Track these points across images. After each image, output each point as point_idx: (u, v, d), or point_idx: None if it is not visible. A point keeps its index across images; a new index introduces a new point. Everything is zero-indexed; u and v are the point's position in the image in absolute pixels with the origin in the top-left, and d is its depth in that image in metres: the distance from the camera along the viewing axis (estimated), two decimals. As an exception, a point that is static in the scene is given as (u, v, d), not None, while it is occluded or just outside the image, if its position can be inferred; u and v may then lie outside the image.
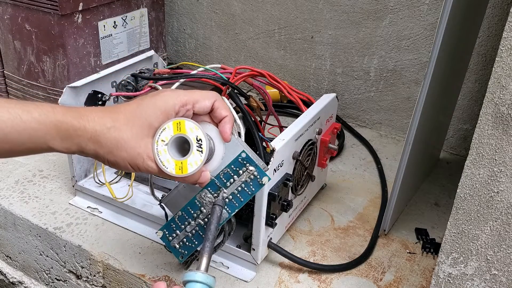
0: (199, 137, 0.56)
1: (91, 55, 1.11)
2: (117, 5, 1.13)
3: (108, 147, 0.54)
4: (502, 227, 0.54)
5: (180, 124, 0.56)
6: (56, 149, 0.53)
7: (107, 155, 0.54)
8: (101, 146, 0.54)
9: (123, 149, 0.54)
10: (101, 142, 0.54)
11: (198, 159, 0.56)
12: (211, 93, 0.59)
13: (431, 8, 1.02)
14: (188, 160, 0.56)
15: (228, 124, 0.59)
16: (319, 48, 1.19)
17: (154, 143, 0.56)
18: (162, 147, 0.56)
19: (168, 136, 0.56)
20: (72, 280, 0.85)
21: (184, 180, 0.59)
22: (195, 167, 0.56)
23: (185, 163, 0.56)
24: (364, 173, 1.02)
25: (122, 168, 0.56)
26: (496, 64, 0.49)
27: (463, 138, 1.08)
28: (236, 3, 1.26)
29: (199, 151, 0.56)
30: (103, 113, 0.55)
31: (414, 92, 1.10)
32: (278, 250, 0.75)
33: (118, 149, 0.54)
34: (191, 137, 0.56)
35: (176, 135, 0.56)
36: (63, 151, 0.54)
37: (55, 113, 0.53)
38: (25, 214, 0.87)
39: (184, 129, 0.56)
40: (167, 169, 0.56)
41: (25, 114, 0.51)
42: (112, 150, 0.54)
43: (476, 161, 0.53)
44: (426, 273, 0.78)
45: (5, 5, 1.08)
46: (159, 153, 0.56)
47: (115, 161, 0.55)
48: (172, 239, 0.68)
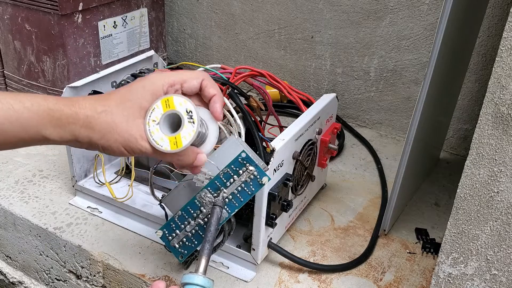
0: (189, 109, 0.56)
1: (91, 55, 1.11)
2: (117, 5, 1.13)
3: (101, 131, 0.54)
4: (502, 227, 0.54)
5: (168, 101, 0.56)
6: (50, 138, 0.53)
7: (100, 140, 0.54)
8: (94, 131, 0.54)
9: (115, 132, 0.54)
10: (94, 127, 0.54)
11: (191, 130, 0.56)
12: (198, 72, 0.59)
13: (431, 8, 1.02)
14: (181, 133, 0.56)
15: (218, 103, 0.58)
16: (319, 48, 1.19)
17: (146, 125, 0.55)
18: (154, 127, 0.55)
19: (158, 115, 0.56)
20: (72, 280, 0.85)
21: (181, 160, 0.58)
22: (189, 139, 0.56)
23: (179, 137, 0.56)
24: (364, 173, 1.02)
25: (116, 153, 0.56)
26: (496, 64, 0.49)
27: (463, 138, 1.08)
28: (236, 3, 1.26)
29: (191, 122, 0.56)
30: (94, 100, 0.56)
31: (414, 92, 1.10)
32: (278, 250, 0.75)
33: (110, 132, 0.54)
34: (181, 111, 0.56)
35: (166, 112, 0.56)
36: (57, 140, 0.54)
37: (47, 102, 0.53)
38: (25, 214, 0.87)
39: (173, 105, 0.56)
40: (162, 147, 0.55)
41: (17, 104, 0.51)
42: (105, 134, 0.54)
43: (476, 161, 0.53)
44: (426, 273, 0.78)
45: (5, 5, 1.08)
46: (151, 133, 0.55)
47: (109, 146, 0.55)
48: (172, 239, 0.68)
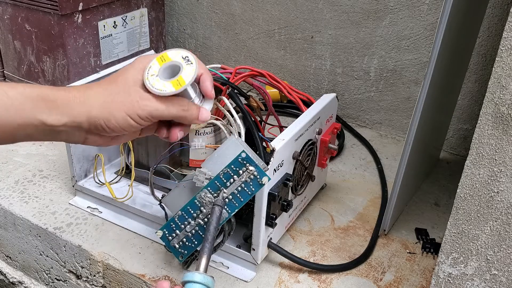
0: (184, 55, 0.57)
1: (91, 55, 1.12)
2: (117, 5, 1.13)
3: (100, 104, 0.53)
4: (502, 227, 0.54)
5: (163, 56, 0.57)
6: (47, 122, 0.52)
7: (101, 113, 0.53)
8: (92, 106, 0.53)
9: (115, 101, 0.54)
10: (92, 102, 0.53)
11: (191, 70, 0.56)
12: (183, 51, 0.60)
13: (431, 8, 1.02)
14: (182, 75, 0.56)
15: (208, 81, 0.58)
16: (319, 48, 1.19)
17: (146, 80, 0.55)
18: (154, 80, 0.55)
19: (156, 69, 0.56)
20: (72, 280, 0.85)
21: (186, 113, 0.57)
22: (192, 76, 0.56)
23: (180, 78, 0.56)
24: (364, 173, 1.02)
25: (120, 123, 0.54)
26: (496, 64, 0.49)
27: (463, 138, 1.08)
28: (236, 3, 1.26)
29: (189, 64, 0.56)
30: (88, 85, 0.56)
31: (414, 92, 1.10)
32: (278, 250, 0.75)
33: (110, 102, 0.54)
34: (177, 59, 0.57)
35: (163, 65, 0.56)
36: (55, 124, 0.53)
37: (41, 87, 0.53)
38: (25, 214, 0.87)
39: (168, 57, 0.57)
40: (166, 91, 0.55)
41: (10, 90, 0.51)
42: (104, 105, 0.53)
43: (476, 161, 0.53)
44: (426, 273, 0.78)
45: (5, 5, 1.08)
46: (153, 85, 0.55)
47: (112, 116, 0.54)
48: (172, 239, 0.68)
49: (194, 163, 0.83)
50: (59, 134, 0.55)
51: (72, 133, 0.55)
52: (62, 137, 0.55)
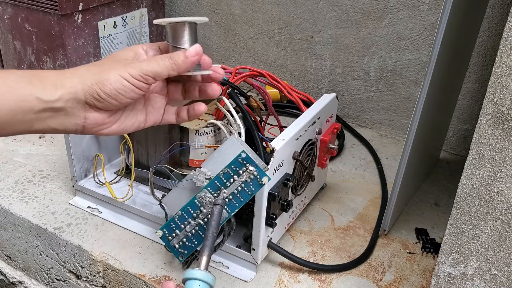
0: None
1: (91, 55, 1.12)
2: (117, 5, 1.13)
3: (92, 73, 0.54)
4: (502, 227, 0.54)
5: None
6: (43, 98, 0.52)
7: (94, 79, 0.54)
8: (84, 75, 0.54)
9: (106, 68, 0.55)
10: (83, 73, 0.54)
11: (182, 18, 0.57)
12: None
13: (431, 8, 1.02)
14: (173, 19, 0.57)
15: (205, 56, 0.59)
16: (319, 48, 1.19)
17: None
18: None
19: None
20: (72, 280, 0.85)
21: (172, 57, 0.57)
22: (190, 18, 0.57)
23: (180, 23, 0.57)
24: (364, 173, 1.02)
25: (115, 87, 0.54)
26: (496, 64, 0.49)
27: (463, 138, 1.08)
28: (236, 3, 1.26)
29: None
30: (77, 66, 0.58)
31: (414, 92, 1.10)
32: (278, 250, 0.75)
33: (102, 69, 0.54)
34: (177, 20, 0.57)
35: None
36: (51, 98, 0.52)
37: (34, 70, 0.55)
38: (25, 214, 0.87)
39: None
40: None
41: (2, 72, 0.52)
42: (96, 73, 0.54)
43: (476, 161, 0.53)
44: (426, 273, 0.78)
45: (5, 5, 1.08)
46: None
47: (105, 80, 0.54)
48: (172, 239, 0.68)
49: (194, 163, 0.83)
50: (57, 114, 0.53)
51: (71, 111, 0.54)
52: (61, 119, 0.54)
